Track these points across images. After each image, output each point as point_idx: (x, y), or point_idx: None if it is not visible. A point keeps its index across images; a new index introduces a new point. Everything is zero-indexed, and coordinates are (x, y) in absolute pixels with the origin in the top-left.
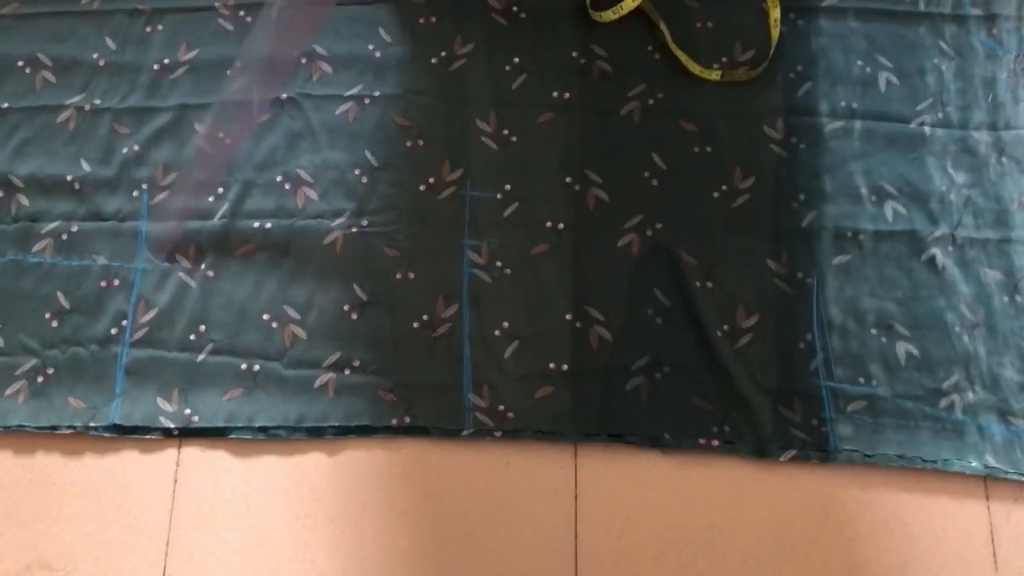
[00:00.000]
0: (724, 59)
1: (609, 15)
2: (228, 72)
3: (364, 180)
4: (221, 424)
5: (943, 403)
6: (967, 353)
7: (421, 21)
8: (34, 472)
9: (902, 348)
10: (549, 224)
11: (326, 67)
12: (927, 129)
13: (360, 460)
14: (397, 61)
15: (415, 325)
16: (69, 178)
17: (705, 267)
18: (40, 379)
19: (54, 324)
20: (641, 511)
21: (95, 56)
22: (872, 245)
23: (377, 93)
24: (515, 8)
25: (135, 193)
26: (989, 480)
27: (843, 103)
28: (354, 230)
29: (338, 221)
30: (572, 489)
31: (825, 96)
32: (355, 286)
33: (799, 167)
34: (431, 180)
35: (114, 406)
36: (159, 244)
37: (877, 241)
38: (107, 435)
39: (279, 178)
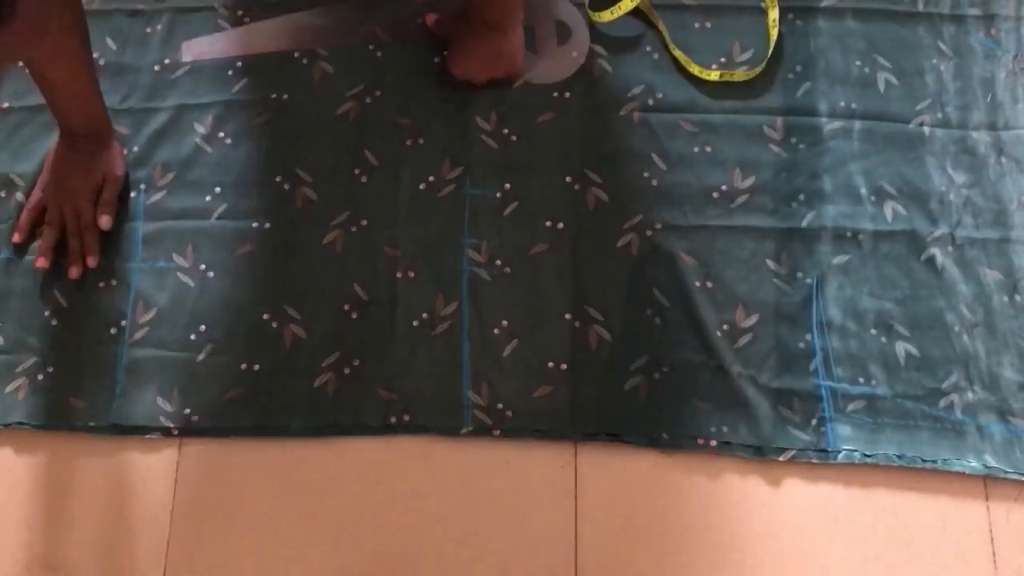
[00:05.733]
0: (723, 59)
1: (607, 15)
2: (228, 72)
3: (364, 179)
4: (221, 424)
5: (943, 403)
6: (967, 353)
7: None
8: (34, 472)
9: (902, 348)
10: (549, 223)
11: (326, 67)
12: (926, 129)
13: (360, 459)
14: (397, 61)
15: (415, 323)
16: None
17: (705, 267)
18: (40, 377)
19: (54, 323)
20: (641, 511)
21: (95, 56)
22: (872, 245)
23: (377, 93)
24: None
25: (133, 193)
26: (989, 480)
27: (842, 103)
28: (354, 229)
29: (338, 220)
30: (572, 489)
31: (824, 96)
32: (355, 285)
33: (799, 167)
34: (431, 179)
35: (114, 406)
36: None
37: (877, 241)
38: (107, 435)
39: (279, 178)
